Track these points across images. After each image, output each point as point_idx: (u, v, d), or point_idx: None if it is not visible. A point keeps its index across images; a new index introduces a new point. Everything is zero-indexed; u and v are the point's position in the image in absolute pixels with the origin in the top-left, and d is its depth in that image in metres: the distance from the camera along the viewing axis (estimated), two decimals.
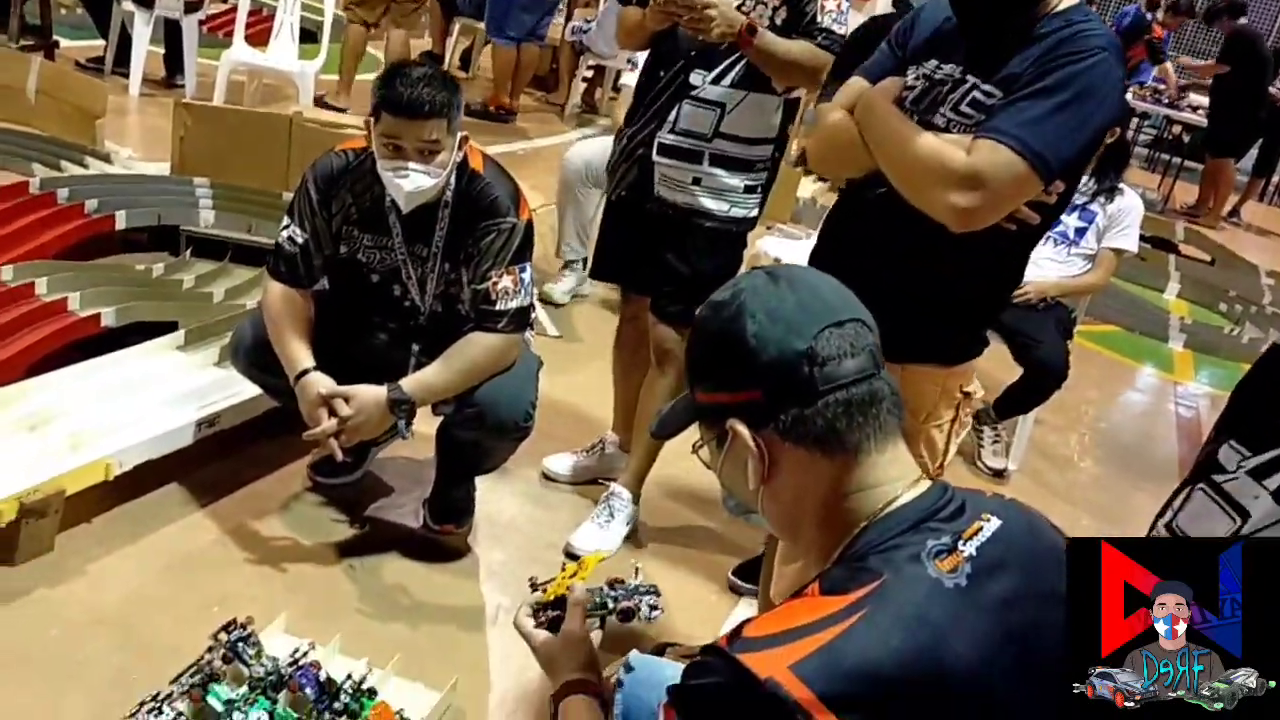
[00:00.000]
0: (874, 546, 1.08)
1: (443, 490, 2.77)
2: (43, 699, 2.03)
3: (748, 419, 1.14)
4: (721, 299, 1.19)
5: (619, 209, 2.96)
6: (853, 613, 1.01)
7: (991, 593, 1.04)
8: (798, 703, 0.96)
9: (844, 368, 1.12)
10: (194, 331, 3.03)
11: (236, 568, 2.50)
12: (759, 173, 2.81)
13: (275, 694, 2.02)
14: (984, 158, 1.66)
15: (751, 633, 1.04)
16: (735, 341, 1.14)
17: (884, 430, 1.14)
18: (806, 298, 1.14)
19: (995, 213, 1.71)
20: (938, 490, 1.14)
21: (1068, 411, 4.54)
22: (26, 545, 2.31)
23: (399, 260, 2.56)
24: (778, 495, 1.16)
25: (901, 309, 1.85)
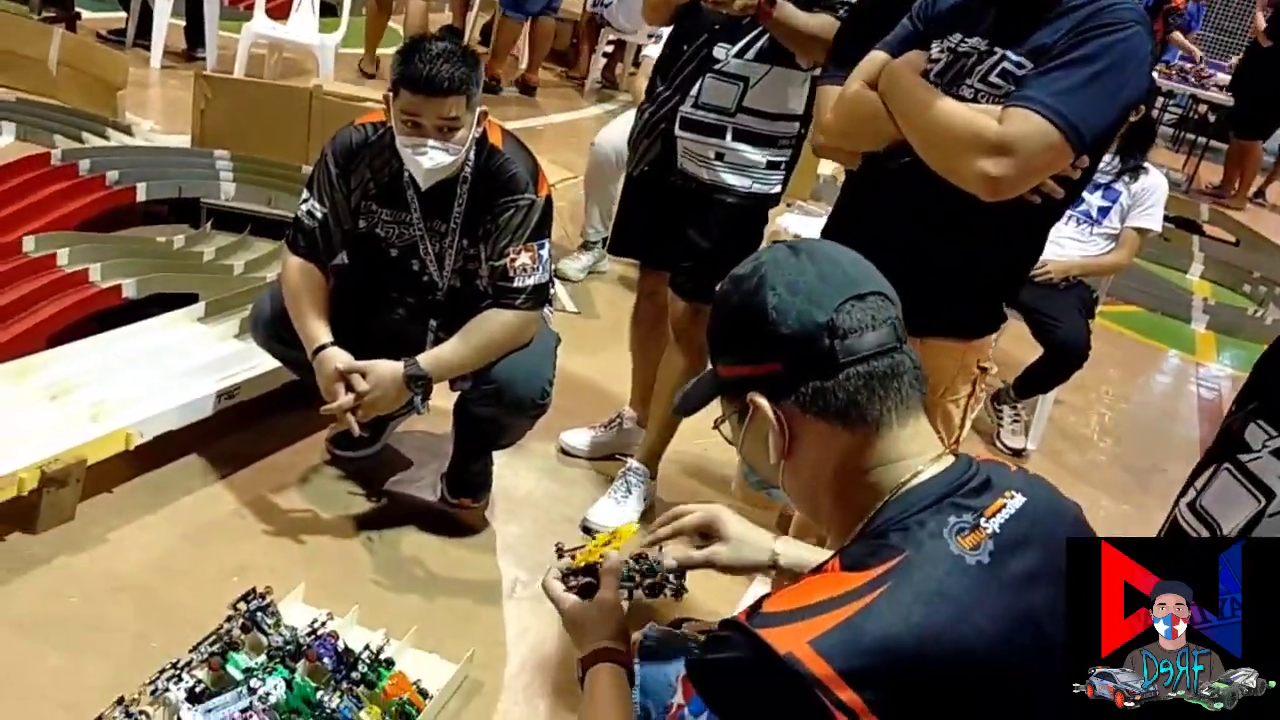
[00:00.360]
0: (895, 522, 1.07)
1: (460, 464, 2.78)
2: (64, 664, 2.05)
3: (768, 392, 1.13)
4: (742, 272, 1.18)
5: (639, 184, 2.95)
6: (874, 589, 1.00)
7: (1013, 570, 1.03)
8: (817, 678, 0.95)
9: (865, 340, 1.11)
10: (214, 303, 3.04)
11: (255, 538, 2.52)
12: (782, 149, 2.79)
13: (293, 663, 2.04)
14: (1016, 126, 1.65)
15: (771, 608, 1.03)
16: (756, 314, 1.13)
17: (906, 404, 1.12)
18: (827, 270, 1.14)
19: (1026, 182, 1.69)
20: (961, 465, 1.13)
21: (1088, 391, 4.51)
22: (48, 514, 2.34)
23: (417, 235, 2.55)
24: (798, 469, 1.16)
25: (921, 282, 1.83)
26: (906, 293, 1.90)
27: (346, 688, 2.00)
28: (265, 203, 3.82)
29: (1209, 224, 8.25)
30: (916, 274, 1.84)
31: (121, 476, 2.57)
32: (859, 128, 1.89)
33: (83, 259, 3.05)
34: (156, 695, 1.90)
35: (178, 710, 1.89)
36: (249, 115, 4.18)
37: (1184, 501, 1.51)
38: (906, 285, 1.90)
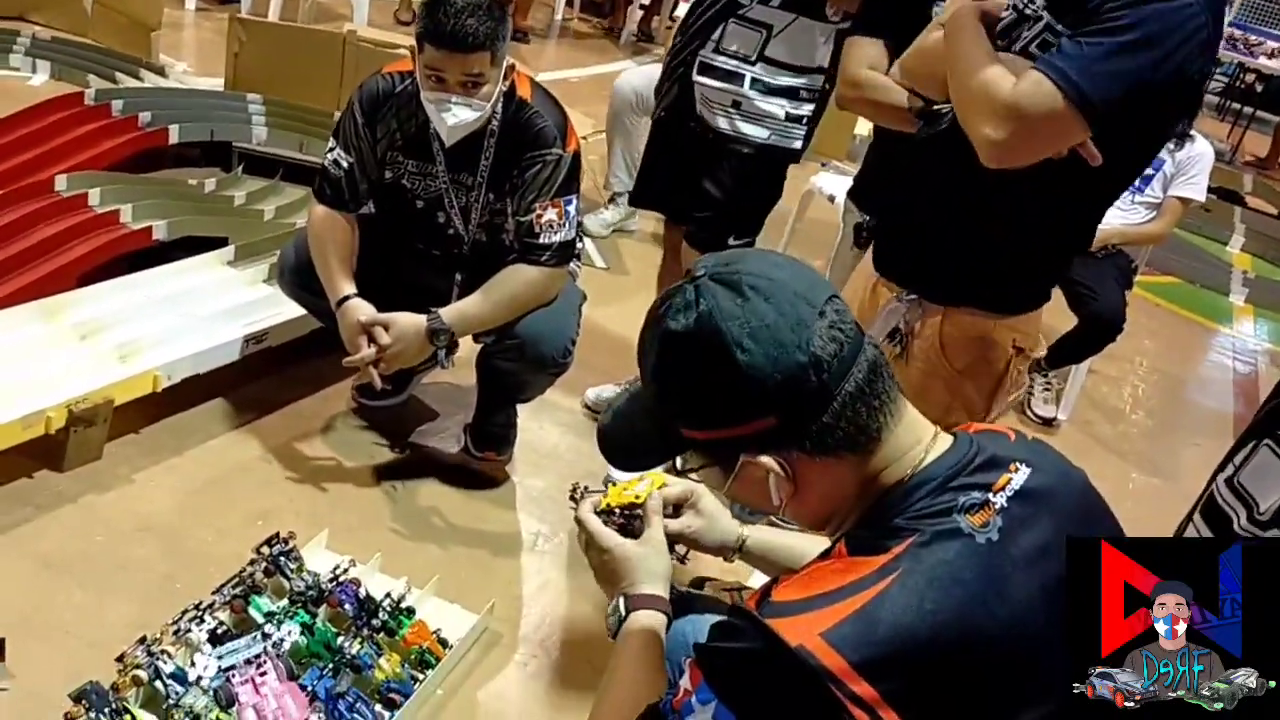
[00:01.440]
0: (902, 508, 1.05)
1: (484, 417, 2.77)
2: (89, 602, 2.07)
3: (765, 446, 1.06)
4: (684, 328, 1.05)
5: (661, 131, 2.91)
6: (884, 576, 0.98)
7: (1024, 546, 1.01)
8: (830, 671, 0.93)
9: (844, 358, 1.04)
10: (244, 248, 3.04)
11: (279, 484, 2.53)
12: (803, 102, 2.74)
13: (315, 608, 2.05)
14: (1024, 90, 1.55)
15: (781, 597, 1.01)
16: (728, 376, 1.03)
17: (893, 399, 1.08)
18: (781, 300, 1.04)
19: (1028, 151, 1.58)
20: (962, 445, 1.10)
21: (1122, 362, 4.45)
22: (75, 453, 2.35)
23: (442, 188, 2.53)
24: (805, 501, 1.11)
25: (951, 249, 1.79)
26: (933, 259, 1.86)
27: (367, 634, 2.02)
28: (297, 148, 3.80)
29: (1252, 195, 8.08)
30: (946, 240, 1.79)
31: (148, 418, 2.58)
32: (928, 70, 1.79)
33: (114, 199, 3.05)
34: (179, 635, 1.92)
35: (202, 650, 1.90)
36: (282, 59, 4.16)
37: (1221, 477, 1.47)
38: (934, 251, 1.86)
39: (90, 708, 1.75)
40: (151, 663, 1.84)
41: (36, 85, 4.46)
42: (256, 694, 1.62)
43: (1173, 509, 1.79)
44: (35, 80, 4.53)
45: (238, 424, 2.70)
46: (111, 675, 1.84)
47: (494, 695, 2.11)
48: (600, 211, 4.49)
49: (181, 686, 1.83)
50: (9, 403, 2.25)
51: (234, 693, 1.66)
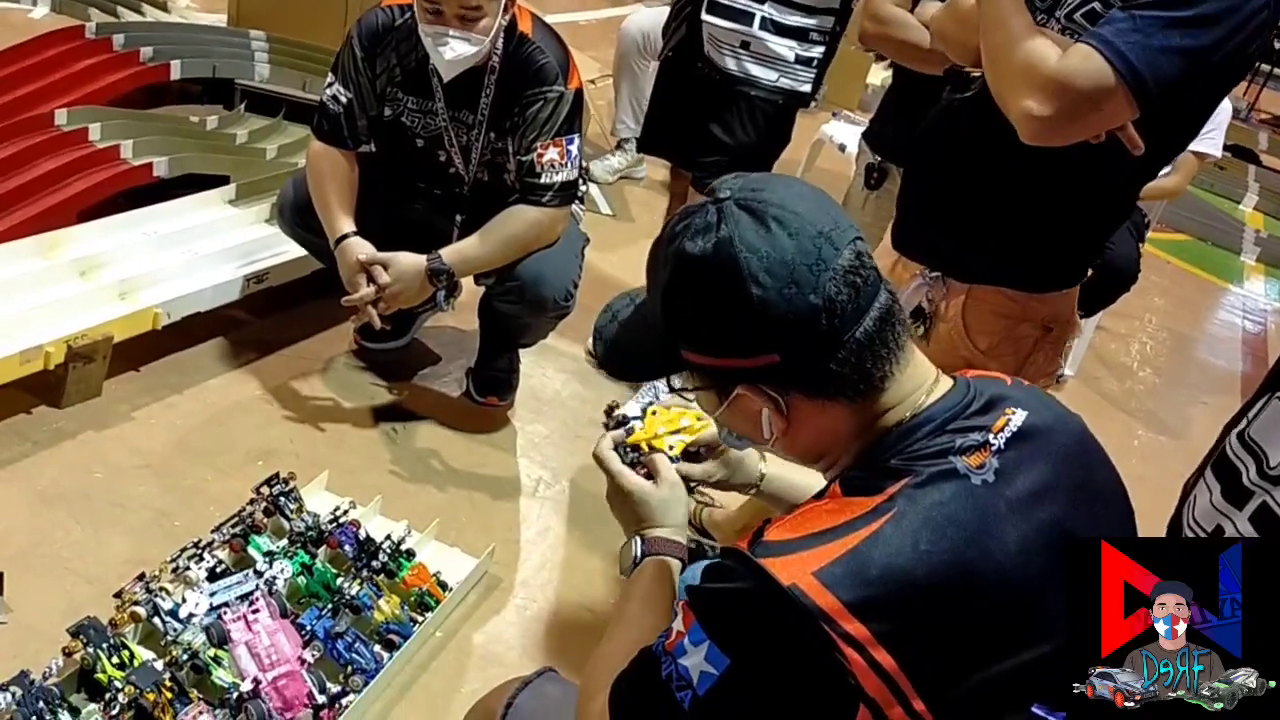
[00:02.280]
0: (898, 450, 1.03)
1: (486, 362, 2.75)
2: (87, 538, 2.06)
3: (765, 380, 1.04)
4: (702, 252, 1.02)
5: (668, 73, 2.87)
6: (878, 516, 0.96)
7: (1020, 487, 1.00)
8: (822, 610, 0.92)
9: (859, 304, 1.01)
10: (245, 186, 3.00)
11: (280, 424, 2.52)
12: (813, 44, 2.69)
13: (315, 549, 2.04)
14: (1073, 64, 1.44)
15: (773, 536, 0.98)
16: (740, 307, 1.00)
17: (903, 348, 1.06)
18: (804, 237, 1.00)
19: (1072, 129, 1.48)
20: (960, 388, 1.08)
21: (1130, 319, 4.42)
22: (74, 389, 2.34)
23: (442, 126, 2.48)
24: (797, 438, 1.09)
25: (977, 223, 1.70)
26: (957, 232, 1.78)
27: (366, 576, 2.01)
28: (300, 86, 3.75)
29: (1267, 154, 7.99)
30: (973, 213, 1.70)
31: (148, 356, 2.56)
32: (959, 33, 1.70)
33: (115, 135, 3.01)
34: (177, 573, 1.91)
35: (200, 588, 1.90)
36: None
37: (1234, 432, 1.45)
38: (959, 224, 1.76)
39: (88, 642, 1.75)
40: (150, 599, 1.83)
41: (37, 18, 4.40)
42: (249, 631, 1.61)
43: (1178, 467, 1.76)
44: (36, 13, 4.46)
45: (238, 364, 2.68)
46: (109, 611, 1.84)
47: (492, 638, 2.10)
48: (607, 157, 4.43)
49: (179, 623, 1.83)
50: (7, 337, 2.23)
51: (226, 630, 1.65)
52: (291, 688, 1.56)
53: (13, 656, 1.78)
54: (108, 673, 1.73)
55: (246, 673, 1.58)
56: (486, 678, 2.00)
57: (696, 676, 0.96)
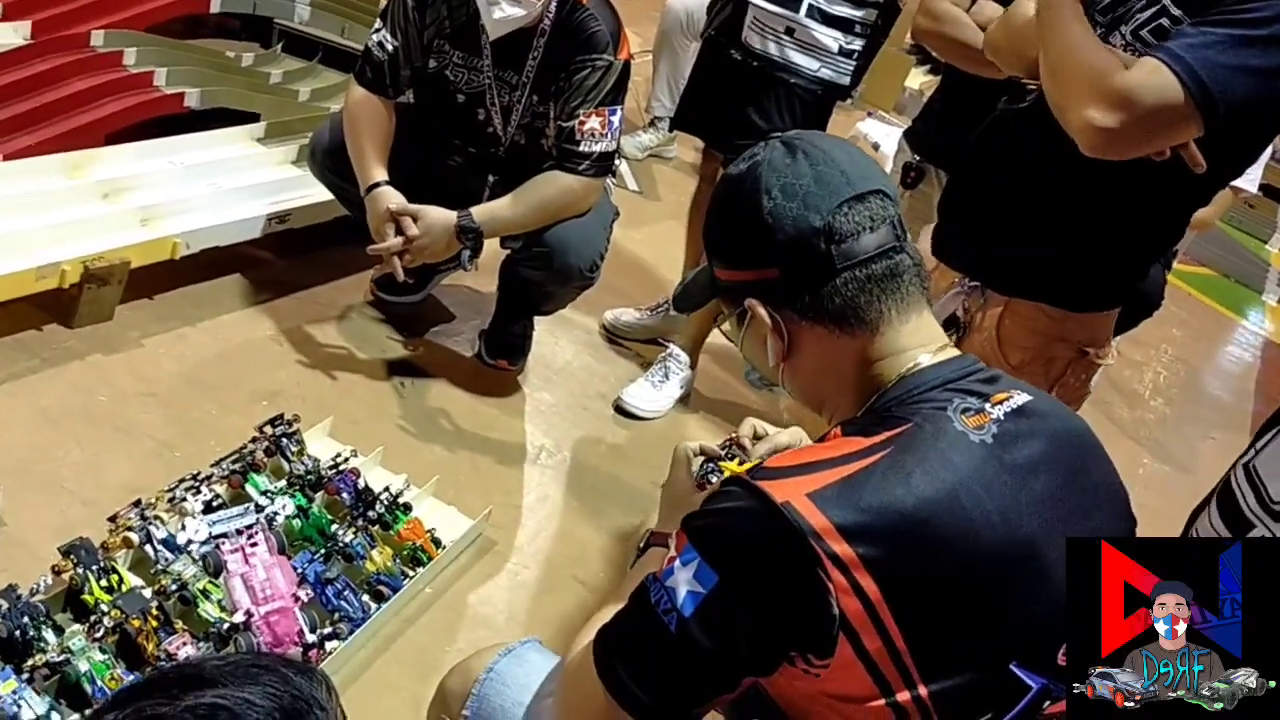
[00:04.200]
0: (900, 399, 1.07)
1: (500, 324, 2.74)
2: (87, 460, 2.05)
3: (765, 297, 1.11)
4: (737, 172, 1.13)
5: (710, 52, 2.84)
6: (875, 452, 1.00)
7: (1016, 457, 1.03)
8: (812, 528, 0.94)
9: (862, 243, 1.07)
10: (275, 126, 2.98)
11: (289, 366, 2.50)
12: (858, 37, 2.66)
13: (312, 493, 2.03)
14: (1140, 77, 1.40)
15: (773, 464, 1.03)
16: (751, 219, 1.09)
17: (906, 301, 1.10)
18: (825, 171, 1.08)
19: (1134, 143, 1.44)
20: (968, 358, 1.13)
21: (1147, 347, 4.39)
22: (86, 310, 2.32)
23: (485, 84, 2.46)
24: (798, 370, 1.14)
25: (1021, 235, 1.66)
26: (999, 244, 1.74)
27: (362, 525, 2.00)
28: (339, 32, 3.72)
29: None
30: (1016, 226, 1.66)
31: (163, 285, 2.55)
32: (1015, 44, 1.66)
33: (149, 61, 2.99)
34: (174, 504, 1.90)
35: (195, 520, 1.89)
36: None
37: (1241, 461, 1.45)
38: (1002, 236, 1.74)
39: (78, 563, 1.74)
40: (144, 527, 1.83)
41: None
42: (245, 564, 1.60)
43: (1181, 499, 1.76)
44: None
45: (252, 302, 2.66)
46: (102, 534, 1.83)
47: (482, 599, 2.10)
48: (638, 134, 4.40)
49: (172, 553, 1.82)
50: (25, 251, 2.22)
51: (223, 560, 1.64)
52: (283, 624, 1.56)
53: (1, 569, 1.78)
54: (95, 595, 1.73)
55: (239, 604, 1.57)
56: (473, 638, 1.99)
57: (682, 597, 0.98)
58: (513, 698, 1.19)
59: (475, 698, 1.20)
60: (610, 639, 1.04)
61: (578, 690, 1.06)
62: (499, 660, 1.23)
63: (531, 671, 1.22)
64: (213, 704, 0.68)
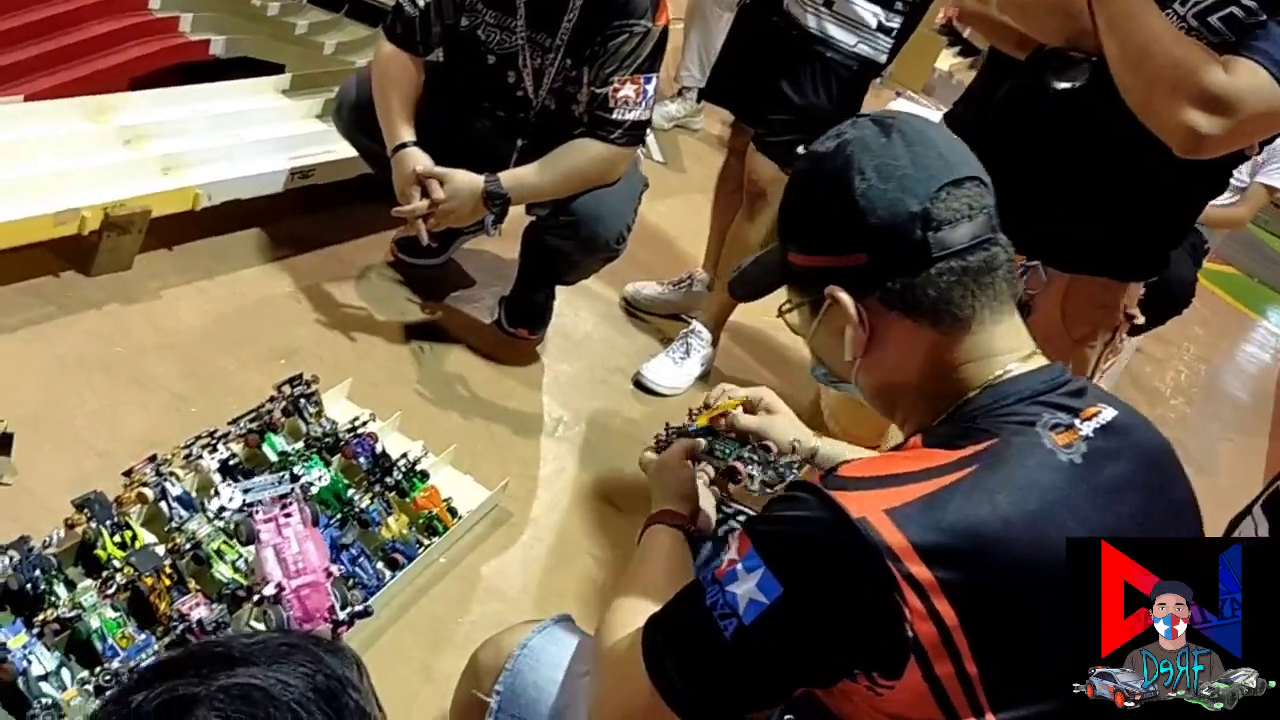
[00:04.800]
0: (986, 410, 1.01)
1: (522, 292, 2.70)
2: (102, 410, 2.02)
3: (850, 285, 1.03)
4: (824, 150, 1.06)
5: (744, 22, 2.79)
6: (960, 468, 0.94)
7: (1104, 477, 0.97)
8: (889, 547, 0.89)
9: (960, 232, 1.01)
10: (300, 78, 2.93)
11: (308, 324, 2.46)
12: (897, 14, 2.61)
13: (329, 456, 2.00)
14: (1245, 81, 1.39)
15: (847, 473, 0.96)
16: (841, 200, 1.02)
17: (999, 299, 1.03)
18: (922, 152, 1.02)
19: (1231, 145, 1.47)
20: (1057, 368, 1.05)
21: (1170, 345, 4.34)
22: (105, 259, 2.28)
23: (518, 45, 2.40)
24: (876, 366, 1.07)
25: (1082, 213, 1.67)
26: (1057, 223, 1.73)
27: (379, 491, 1.97)
28: None
29: None
30: (1074, 206, 1.67)
31: (183, 236, 2.51)
32: (1045, 8, 1.63)
33: (175, 6, 2.92)
34: (189, 460, 1.87)
35: (209, 478, 1.86)
36: None
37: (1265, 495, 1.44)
38: (1057, 215, 1.73)
39: (92, 517, 1.71)
40: (159, 483, 1.79)
41: None
42: (279, 535, 1.57)
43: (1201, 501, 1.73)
44: None
45: (272, 257, 2.62)
46: (116, 488, 1.80)
47: (495, 571, 2.07)
48: (666, 103, 4.33)
49: (186, 511, 1.79)
50: (44, 196, 2.17)
51: (256, 530, 1.61)
52: (314, 599, 1.52)
53: (13, 520, 1.75)
54: (108, 550, 1.70)
55: (270, 576, 1.54)
56: (486, 610, 1.97)
57: (744, 605, 0.93)
58: (546, 675, 1.16)
59: (509, 673, 1.17)
60: (661, 634, 1.00)
61: (622, 678, 1.03)
62: (533, 637, 1.20)
63: (564, 649, 1.19)
64: (246, 684, 0.65)
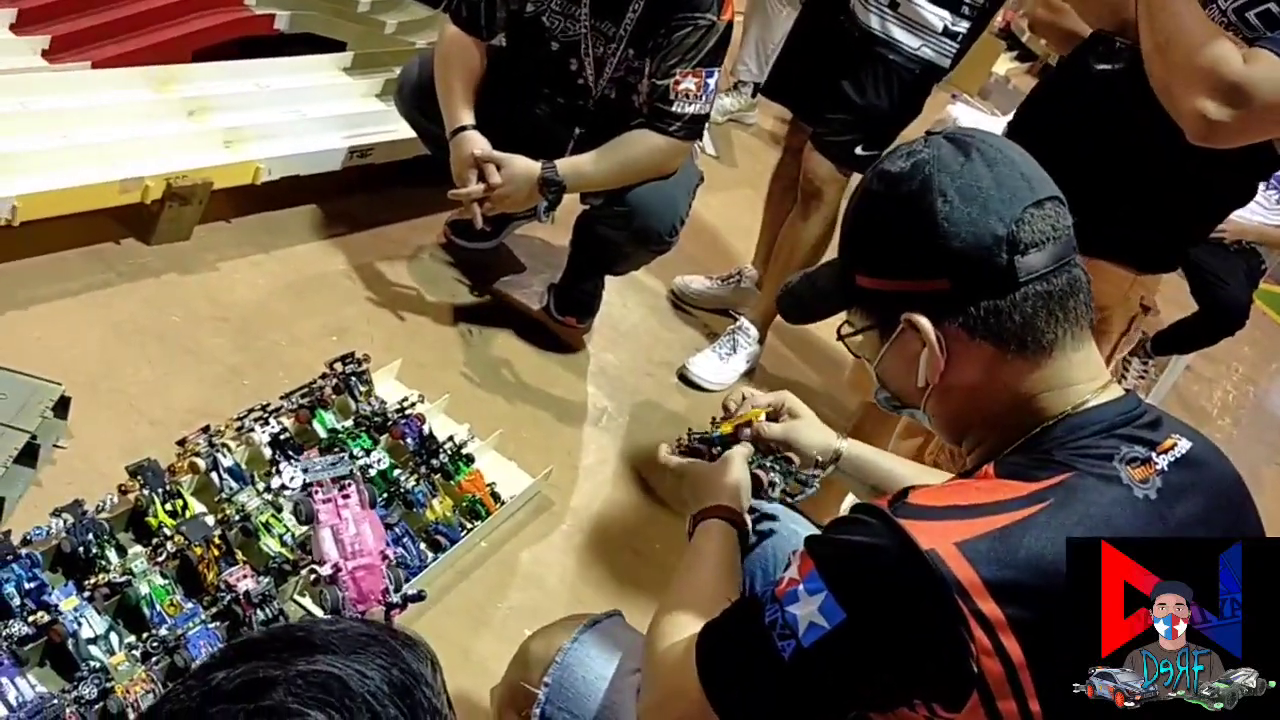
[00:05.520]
0: (1061, 442, 0.98)
1: (571, 280, 2.70)
2: (156, 379, 2.05)
3: (930, 310, 1.00)
4: (899, 170, 1.02)
5: (808, 20, 2.77)
6: (1034, 502, 0.91)
7: (1178, 513, 0.96)
8: (959, 582, 0.87)
9: (1045, 255, 0.98)
10: (362, 56, 2.94)
11: (359, 303, 2.48)
12: (963, 18, 2.58)
13: (377, 435, 2.01)
14: (1260, 72, 1.40)
15: (917, 500, 0.94)
16: (922, 223, 0.98)
17: (1080, 325, 1.01)
18: (1004, 173, 0.99)
19: (1245, 135, 1.47)
20: (1132, 399, 1.03)
21: (1218, 365, 4.28)
22: (165, 228, 2.31)
23: (582, 33, 2.39)
24: (950, 393, 1.04)
25: (1103, 198, 1.64)
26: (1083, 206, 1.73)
27: (424, 473, 1.98)
28: None
29: None
30: (1099, 188, 1.63)
31: (241, 210, 2.53)
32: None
33: None
34: (241, 432, 1.89)
35: (260, 451, 1.88)
36: None
37: None
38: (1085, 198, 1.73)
39: (144, 484, 1.74)
40: (211, 454, 1.81)
41: None
42: (336, 516, 1.58)
43: None
44: None
45: (327, 234, 2.63)
46: (169, 457, 1.82)
47: (535, 559, 2.07)
48: (720, 97, 4.30)
49: (236, 483, 1.81)
50: (110, 163, 2.20)
51: (315, 510, 1.62)
52: (369, 581, 1.54)
53: (67, 483, 1.78)
54: (159, 518, 1.72)
55: (328, 557, 1.55)
56: (524, 597, 1.98)
57: (804, 627, 0.92)
58: (595, 670, 1.17)
59: (558, 666, 1.18)
60: (717, 646, 1.00)
61: (674, 686, 1.03)
62: (584, 631, 1.20)
63: (615, 646, 1.20)
64: (326, 672, 0.65)
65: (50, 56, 2.44)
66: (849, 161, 2.69)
